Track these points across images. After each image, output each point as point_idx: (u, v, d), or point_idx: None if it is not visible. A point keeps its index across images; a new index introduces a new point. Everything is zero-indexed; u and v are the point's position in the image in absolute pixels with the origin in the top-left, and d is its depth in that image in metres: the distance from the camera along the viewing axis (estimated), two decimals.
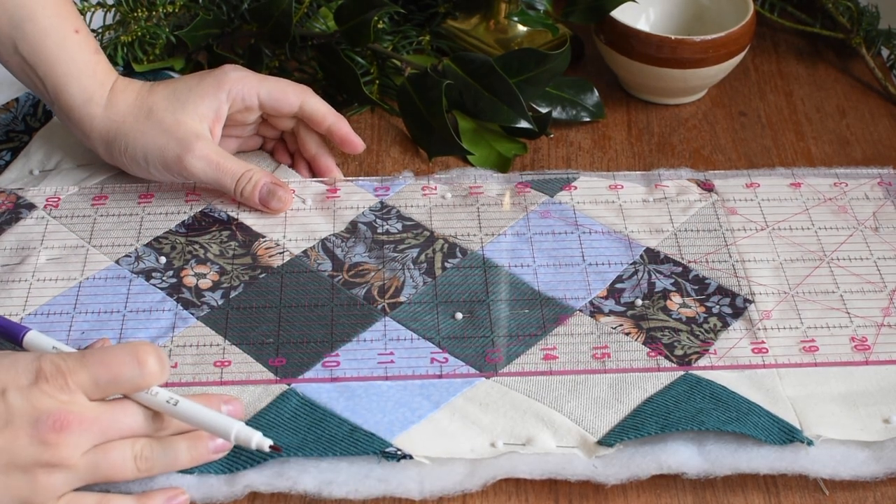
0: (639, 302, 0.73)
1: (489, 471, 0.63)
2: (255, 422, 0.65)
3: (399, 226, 0.79)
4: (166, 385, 0.67)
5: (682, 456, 0.64)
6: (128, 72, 0.90)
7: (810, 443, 0.64)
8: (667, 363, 0.69)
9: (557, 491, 0.64)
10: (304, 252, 0.77)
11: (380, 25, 0.93)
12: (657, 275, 0.76)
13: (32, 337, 0.66)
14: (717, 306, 0.73)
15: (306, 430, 0.65)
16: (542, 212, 0.80)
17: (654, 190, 0.82)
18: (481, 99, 0.86)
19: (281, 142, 0.86)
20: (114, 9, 0.93)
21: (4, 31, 0.76)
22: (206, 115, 0.78)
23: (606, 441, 0.64)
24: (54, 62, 0.76)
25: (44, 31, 0.76)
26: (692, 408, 0.65)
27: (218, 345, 0.70)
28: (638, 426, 0.64)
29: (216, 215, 0.79)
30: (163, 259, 0.76)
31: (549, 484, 0.64)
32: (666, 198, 0.82)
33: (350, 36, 0.89)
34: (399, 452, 0.63)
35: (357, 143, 0.83)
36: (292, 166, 0.84)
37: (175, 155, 0.77)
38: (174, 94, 0.78)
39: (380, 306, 0.73)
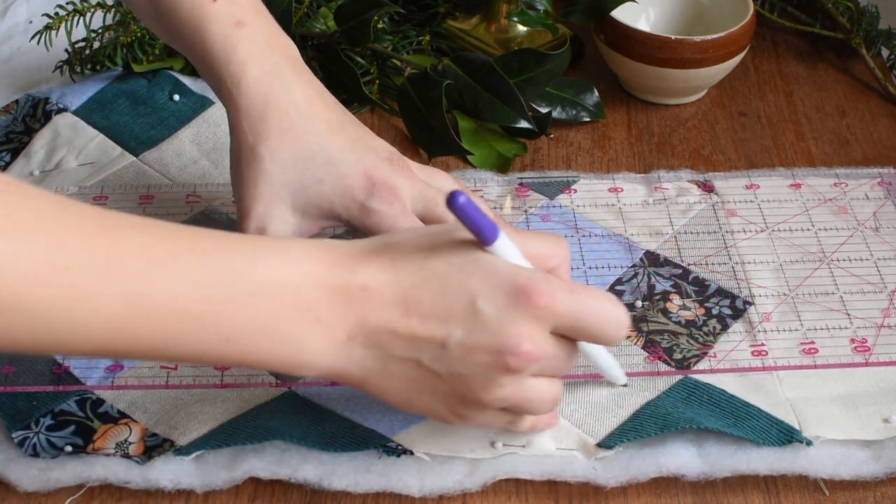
0: (638, 304, 0.74)
1: (489, 470, 0.63)
2: (255, 416, 0.65)
3: None
4: (167, 385, 0.68)
5: (682, 458, 0.64)
6: (128, 72, 0.90)
7: (809, 443, 0.64)
8: (666, 367, 0.69)
9: (557, 491, 0.64)
10: None
11: (380, 25, 0.93)
12: (657, 277, 0.76)
13: (503, 243, 0.58)
14: (717, 307, 0.73)
15: (307, 426, 0.65)
16: (542, 215, 0.80)
17: (653, 192, 0.82)
18: (481, 99, 0.86)
19: None
20: (114, 9, 0.93)
21: None
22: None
23: (606, 443, 0.64)
24: None
25: None
26: (691, 412, 0.66)
27: None
28: (637, 428, 0.64)
29: (216, 217, 0.79)
30: None
31: (549, 484, 0.64)
32: (666, 199, 0.82)
33: (350, 36, 0.89)
34: (400, 447, 0.64)
35: None
36: None
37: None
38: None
39: None
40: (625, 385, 0.68)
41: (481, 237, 0.57)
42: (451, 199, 0.55)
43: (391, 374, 0.57)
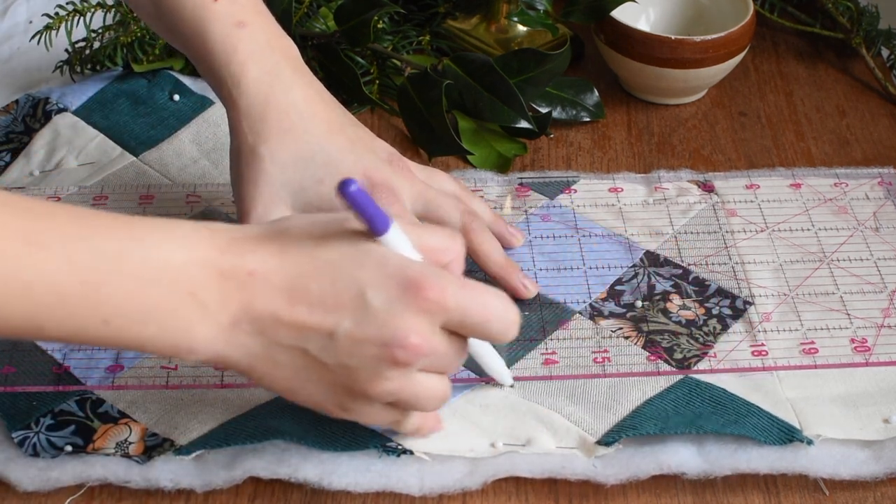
0: (638, 303, 0.74)
1: (489, 469, 0.63)
2: (255, 416, 0.66)
3: None
4: (167, 385, 0.68)
5: (682, 456, 0.64)
6: (128, 72, 0.90)
7: (810, 442, 0.64)
8: (666, 367, 0.69)
9: (557, 491, 0.64)
10: None
11: (380, 25, 0.93)
12: (657, 277, 0.76)
13: (395, 235, 0.57)
14: (717, 307, 0.73)
15: (307, 426, 0.65)
16: (542, 215, 0.80)
17: (653, 192, 0.82)
18: (481, 99, 0.86)
19: None
20: (114, 9, 0.93)
21: None
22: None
23: (605, 440, 0.64)
24: None
25: None
26: (691, 412, 0.66)
27: None
28: (637, 426, 0.64)
29: (216, 217, 0.79)
30: None
31: (549, 483, 0.64)
32: (666, 199, 0.82)
33: (350, 36, 0.89)
34: (400, 447, 0.64)
35: (514, 240, 0.78)
36: None
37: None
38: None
39: None
40: (511, 386, 0.68)
41: (372, 227, 0.56)
42: (342, 187, 0.54)
43: (276, 363, 0.57)
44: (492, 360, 0.66)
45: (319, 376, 0.57)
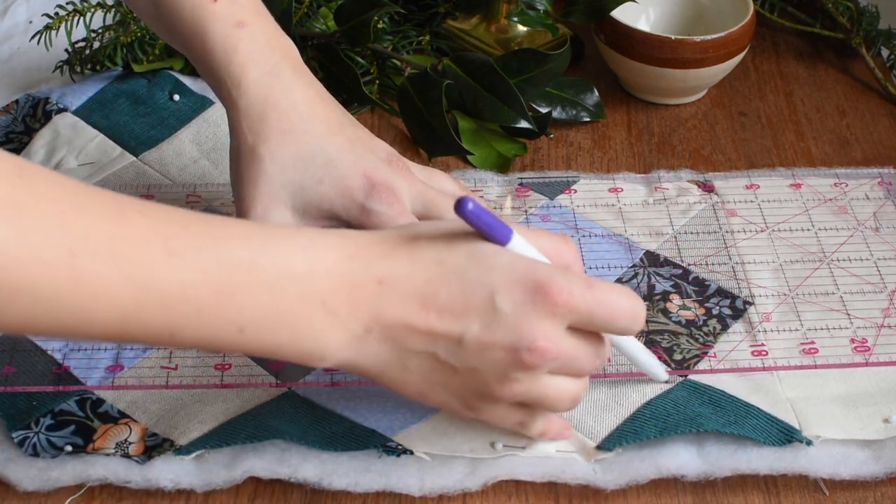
0: None
1: (489, 471, 0.63)
2: (255, 416, 0.65)
3: None
4: (167, 385, 0.68)
5: (682, 458, 0.64)
6: (128, 72, 0.90)
7: (809, 443, 0.64)
8: (666, 367, 0.69)
9: (557, 492, 0.64)
10: None
11: (380, 25, 0.93)
12: (657, 277, 0.76)
13: (519, 242, 0.58)
14: (717, 308, 0.73)
15: (307, 426, 0.65)
16: (542, 215, 0.80)
17: (653, 192, 0.82)
18: (481, 99, 0.86)
19: None
20: (114, 9, 0.93)
21: None
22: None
23: (605, 446, 0.64)
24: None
25: None
26: (691, 412, 0.65)
27: None
28: (637, 430, 0.64)
29: None
30: None
31: (549, 484, 0.64)
32: (666, 199, 0.82)
33: (350, 36, 0.89)
34: (400, 447, 0.64)
35: None
36: None
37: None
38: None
39: None
40: (666, 381, 0.68)
41: (495, 240, 0.57)
42: (460, 207, 0.55)
43: (407, 368, 0.57)
44: (642, 356, 0.66)
45: (448, 379, 0.58)
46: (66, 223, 0.50)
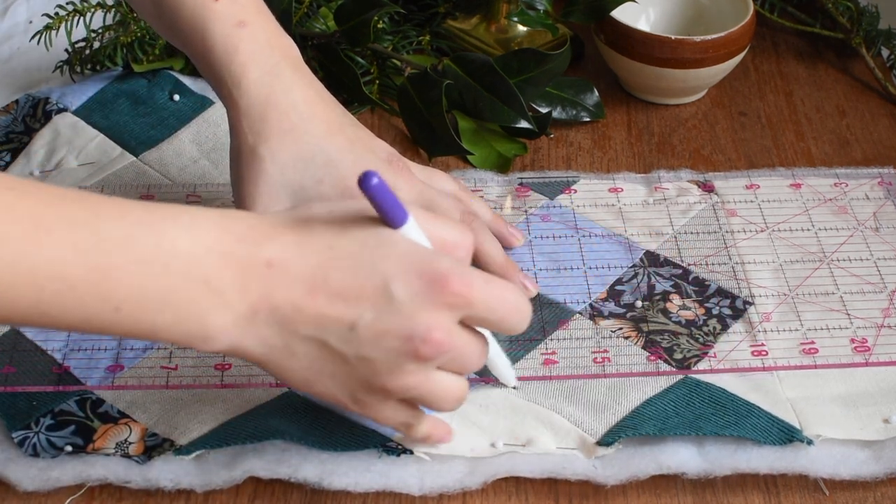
0: (638, 304, 0.74)
1: (489, 469, 0.63)
2: (255, 415, 0.66)
3: None
4: (167, 385, 0.68)
5: (682, 456, 0.64)
6: (128, 72, 0.90)
7: (810, 442, 0.64)
8: (666, 367, 0.69)
9: (557, 490, 0.64)
10: None
11: (380, 25, 0.93)
12: (657, 277, 0.76)
13: (411, 228, 0.57)
14: (717, 307, 0.73)
15: (307, 426, 0.65)
16: (542, 215, 0.80)
17: (653, 192, 0.82)
18: (481, 99, 0.86)
19: None
20: (114, 9, 0.93)
21: None
22: None
23: (605, 440, 0.64)
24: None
25: None
26: (691, 412, 0.66)
27: None
28: (637, 425, 0.64)
29: None
30: None
31: (549, 483, 0.64)
32: (666, 199, 0.82)
33: (350, 36, 0.89)
34: (400, 447, 0.64)
35: (514, 240, 0.78)
36: None
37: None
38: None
39: None
40: (515, 388, 0.68)
41: (389, 222, 0.56)
42: (364, 181, 0.54)
43: (294, 354, 0.56)
44: (498, 361, 0.66)
45: (337, 368, 0.56)
46: None
